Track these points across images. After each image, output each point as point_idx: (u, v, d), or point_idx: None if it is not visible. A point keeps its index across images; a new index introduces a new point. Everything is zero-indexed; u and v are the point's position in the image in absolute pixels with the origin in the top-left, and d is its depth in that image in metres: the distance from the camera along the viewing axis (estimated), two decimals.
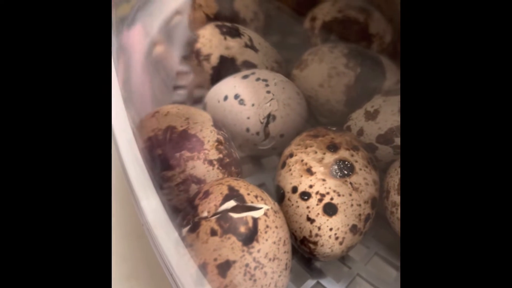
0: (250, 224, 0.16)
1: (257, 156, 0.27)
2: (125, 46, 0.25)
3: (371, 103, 0.22)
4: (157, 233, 0.17)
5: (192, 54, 0.29)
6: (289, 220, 0.19)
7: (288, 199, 0.19)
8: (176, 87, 0.32)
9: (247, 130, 0.23)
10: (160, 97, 0.30)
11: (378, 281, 0.20)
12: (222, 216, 0.17)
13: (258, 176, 0.26)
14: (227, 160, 0.21)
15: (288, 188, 0.19)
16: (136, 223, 0.28)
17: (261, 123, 0.23)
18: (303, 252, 0.20)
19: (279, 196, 0.20)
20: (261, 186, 0.24)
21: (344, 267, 0.21)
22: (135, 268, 0.26)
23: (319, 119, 0.27)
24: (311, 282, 0.20)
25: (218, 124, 0.22)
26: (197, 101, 0.30)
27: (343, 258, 0.21)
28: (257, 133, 0.23)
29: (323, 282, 0.20)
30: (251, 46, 0.27)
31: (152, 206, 0.18)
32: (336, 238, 0.18)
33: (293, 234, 0.19)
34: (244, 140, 0.24)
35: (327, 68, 0.24)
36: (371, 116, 0.21)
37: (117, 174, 0.19)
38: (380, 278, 0.20)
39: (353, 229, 0.18)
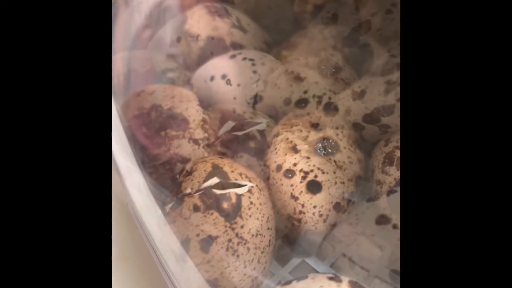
0: (234, 200, 0.16)
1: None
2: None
3: (358, 84, 0.22)
4: (140, 211, 0.17)
5: (181, 36, 0.28)
6: (273, 198, 0.19)
7: (273, 178, 0.19)
8: (166, 70, 0.32)
9: (234, 111, 0.23)
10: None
11: (363, 260, 0.20)
12: (205, 193, 0.17)
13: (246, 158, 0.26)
14: (213, 139, 0.21)
15: (273, 167, 0.19)
16: (123, 204, 0.28)
17: (248, 103, 0.23)
18: (287, 230, 0.20)
19: (265, 176, 0.20)
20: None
21: (329, 246, 0.21)
22: (123, 249, 0.26)
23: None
24: (296, 261, 0.20)
25: (204, 104, 0.22)
26: (187, 83, 0.30)
27: (328, 237, 0.21)
28: (244, 114, 0.23)
29: (308, 260, 0.20)
30: (239, 26, 0.26)
31: (136, 184, 0.18)
32: (320, 216, 0.18)
33: (277, 212, 0.19)
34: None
35: (316, 49, 0.24)
36: (358, 95, 0.21)
37: None
38: (365, 257, 0.20)
39: (337, 206, 0.18)
